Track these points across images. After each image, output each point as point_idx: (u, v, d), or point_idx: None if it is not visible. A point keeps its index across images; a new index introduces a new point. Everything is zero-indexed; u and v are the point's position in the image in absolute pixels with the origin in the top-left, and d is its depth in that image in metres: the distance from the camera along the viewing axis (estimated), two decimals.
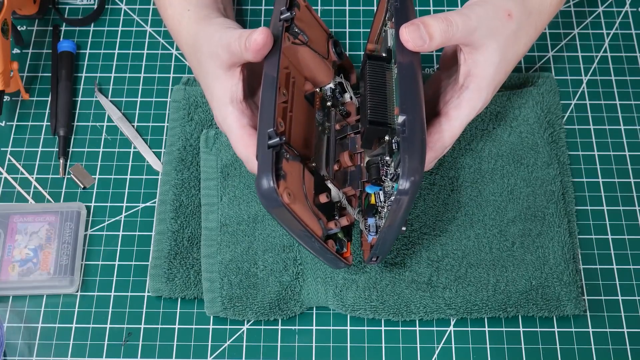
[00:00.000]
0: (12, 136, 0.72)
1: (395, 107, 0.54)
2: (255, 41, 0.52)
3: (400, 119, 0.49)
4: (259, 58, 0.53)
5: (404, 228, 0.53)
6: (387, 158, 0.55)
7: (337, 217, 0.57)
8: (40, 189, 0.69)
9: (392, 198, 0.51)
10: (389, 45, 0.59)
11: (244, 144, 0.55)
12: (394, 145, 0.53)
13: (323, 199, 0.55)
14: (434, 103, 0.59)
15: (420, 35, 0.52)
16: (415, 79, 0.51)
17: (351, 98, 0.63)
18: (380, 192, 0.57)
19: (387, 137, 0.54)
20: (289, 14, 0.54)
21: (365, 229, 0.57)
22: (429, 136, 0.55)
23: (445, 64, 0.63)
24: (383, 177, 0.56)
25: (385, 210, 0.56)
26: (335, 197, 0.57)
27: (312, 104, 0.61)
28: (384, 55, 0.59)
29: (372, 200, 0.57)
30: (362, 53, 0.75)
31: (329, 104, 0.62)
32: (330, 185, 0.58)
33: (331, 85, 0.62)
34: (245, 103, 0.57)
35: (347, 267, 0.57)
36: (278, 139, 0.49)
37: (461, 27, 0.53)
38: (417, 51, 0.53)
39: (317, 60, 0.60)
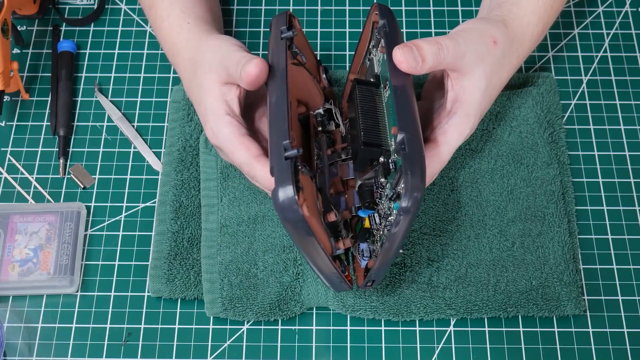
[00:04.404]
0: (12, 136, 0.72)
1: (392, 126, 0.53)
2: (248, 73, 0.52)
3: (399, 137, 0.49)
4: (253, 88, 0.54)
5: (401, 250, 0.52)
6: (382, 180, 0.55)
7: (341, 238, 0.56)
8: (40, 189, 0.69)
9: (391, 218, 0.51)
10: (375, 71, 0.58)
11: (245, 147, 0.54)
12: (390, 165, 0.52)
13: (331, 217, 0.54)
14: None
15: (413, 56, 0.52)
16: (411, 99, 0.51)
17: (338, 126, 0.63)
18: (375, 215, 0.56)
19: (381, 159, 0.54)
20: (290, 32, 0.55)
21: (359, 254, 0.57)
22: None
23: (426, 96, 0.63)
24: (377, 200, 0.56)
25: (382, 232, 0.55)
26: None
27: (306, 126, 0.60)
28: (372, 80, 0.58)
29: (367, 224, 0.56)
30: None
31: (319, 129, 0.62)
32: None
33: (320, 110, 0.62)
34: (241, 118, 0.57)
35: (349, 289, 0.56)
36: (295, 150, 0.48)
37: (452, 51, 0.54)
38: (410, 73, 0.53)
39: (311, 83, 0.60)
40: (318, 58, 0.65)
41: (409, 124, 0.50)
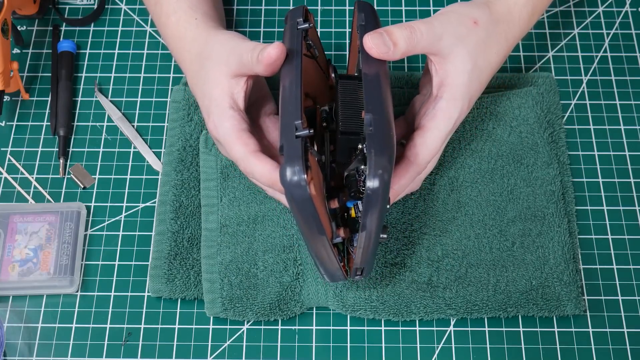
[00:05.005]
0: (12, 136, 0.72)
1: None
2: (268, 54, 0.52)
3: (366, 118, 0.49)
4: (269, 72, 0.53)
5: (384, 235, 0.51)
6: (362, 167, 0.54)
7: (340, 227, 0.56)
8: (40, 189, 0.69)
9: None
10: (360, 66, 0.58)
11: (243, 142, 0.54)
12: (365, 150, 0.51)
13: (334, 204, 0.54)
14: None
15: (383, 41, 0.52)
16: (380, 84, 0.51)
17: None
18: (360, 203, 0.55)
19: (359, 146, 0.53)
20: (306, 25, 0.55)
21: (351, 245, 0.56)
22: (407, 150, 0.55)
23: (422, 89, 0.63)
24: (361, 189, 0.55)
25: None
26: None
27: (311, 120, 0.60)
28: (355, 74, 0.58)
29: (353, 214, 0.56)
30: None
31: (324, 124, 0.62)
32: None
33: (326, 107, 0.62)
34: (245, 114, 0.57)
35: (344, 280, 0.56)
36: (307, 130, 0.48)
37: (425, 34, 0.54)
38: (382, 58, 0.53)
39: (320, 78, 0.60)
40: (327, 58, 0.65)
41: (376, 105, 0.49)
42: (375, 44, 0.52)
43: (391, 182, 0.54)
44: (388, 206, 0.50)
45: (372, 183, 0.46)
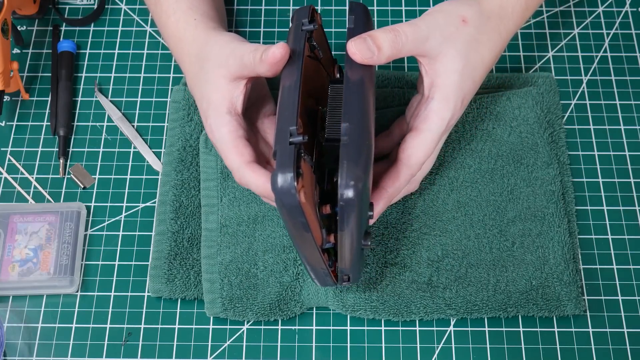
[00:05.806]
0: (12, 136, 0.72)
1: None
2: (273, 54, 0.51)
3: (342, 128, 0.48)
4: (272, 72, 0.53)
5: (367, 243, 0.51)
6: None
7: (332, 233, 0.56)
8: (40, 189, 0.69)
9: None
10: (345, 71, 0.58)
11: (238, 152, 0.54)
12: None
13: (326, 210, 0.54)
14: None
15: (367, 47, 0.51)
16: (362, 91, 0.50)
17: None
18: None
19: None
20: (311, 26, 0.54)
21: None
22: (400, 152, 0.55)
23: (419, 89, 0.63)
24: None
25: None
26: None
27: (312, 121, 0.60)
28: None
29: None
30: None
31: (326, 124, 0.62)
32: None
33: (328, 108, 0.61)
34: (243, 117, 0.56)
35: (334, 286, 0.56)
36: (301, 137, 0.47)
37: (411, 37, 0.53)
38: (367, 63, 0.52)
39: (324, 79, 0.60)
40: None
41: (353, 114, 0.49)
42: (359, 49, 0.51)
43: (386, 184, 0.54)
44: (371, 212, 0.50)
45: (344, 193, 0.46)
